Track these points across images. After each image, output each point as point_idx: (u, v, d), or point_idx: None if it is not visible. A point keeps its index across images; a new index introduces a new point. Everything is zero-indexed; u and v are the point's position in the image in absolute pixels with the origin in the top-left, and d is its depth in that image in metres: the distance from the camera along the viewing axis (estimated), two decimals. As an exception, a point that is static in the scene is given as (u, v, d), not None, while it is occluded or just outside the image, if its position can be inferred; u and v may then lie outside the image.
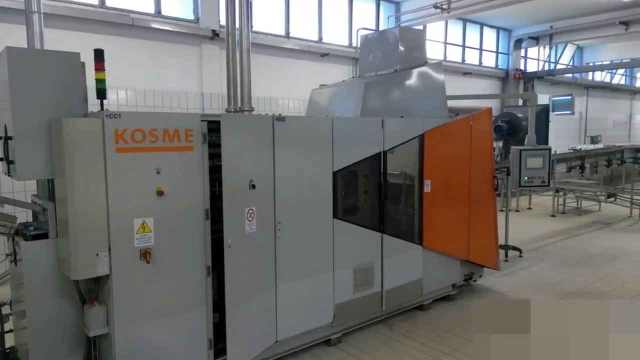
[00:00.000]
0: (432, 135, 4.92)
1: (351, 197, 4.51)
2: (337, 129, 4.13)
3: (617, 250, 7.66)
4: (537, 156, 5.97)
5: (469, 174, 5.33)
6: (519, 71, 14.30)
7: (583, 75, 17.82)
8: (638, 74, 22.14)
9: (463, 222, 5.33)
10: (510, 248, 7.39)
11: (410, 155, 4.94)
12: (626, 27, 11.96)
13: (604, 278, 6.24)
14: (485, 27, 13.88)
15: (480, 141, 5.41)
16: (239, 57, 3.66)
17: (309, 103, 5.46)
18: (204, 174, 3.27)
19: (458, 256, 5.37)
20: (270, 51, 8.80)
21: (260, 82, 8.15)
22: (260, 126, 3.62)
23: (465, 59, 13.47)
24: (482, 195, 5.49)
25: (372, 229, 4.54)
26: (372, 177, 4.57)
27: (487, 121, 5.52)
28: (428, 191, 4.94)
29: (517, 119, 7.26)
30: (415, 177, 4.96)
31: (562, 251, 7.71)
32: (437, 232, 5.09)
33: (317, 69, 9.45)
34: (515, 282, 6.14)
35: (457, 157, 5.25)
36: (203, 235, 3.29)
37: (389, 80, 5.05)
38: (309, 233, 3.99)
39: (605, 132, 18.94)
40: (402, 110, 4.96)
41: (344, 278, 4.30)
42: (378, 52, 5.44)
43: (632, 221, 10.13)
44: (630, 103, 21.23)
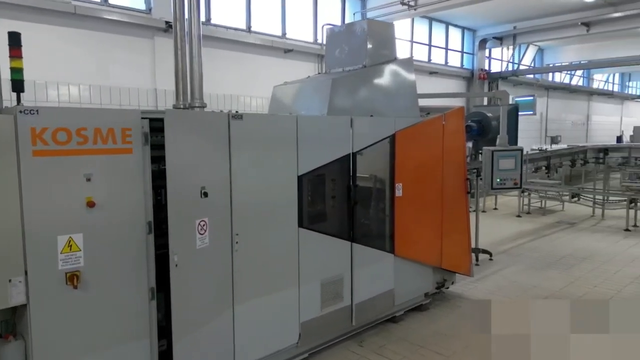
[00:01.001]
0: (404, 135, 4.60)
1: (318, 203, 4.11)
2: (303, 129, 3.72)
3: (585, 251, 7.62)
4: (509, 157, 5.77)
5: (442, 176, 5.05)
6: (483, 71, 14.35)
7: (543, 76, 18.16)
8: (595, 76, 22.89)
9: (436, 227, 5.04)
10: (481, 251, 7.21)
11: (381, 157, 4.60)
12: (587, 28, 12.15)
13: (575, 282, 6.11)
14: (451, 27, 13.83)
15: (452, 141, 5.14)
16: (189, 47, 3.19)
17: (271, 100, 5.03)
18: (146, 180, 2.79)
19: (431, 263, 5.08)
20: (230, 46, 8.29)
21: (220, 78, 7.65)
22: (214, 125, 3.16)
23: (432, 58, 13.37)
24: (454, 198, 5.22)
25: (341, 238, 4.16)
26: (341, 181, 4.19)
27: (459, 120, 5.25)
28: (399, 195, 4.61)
29: (487, 119, 7.07)
30: (386, 180, 4.62)
31: (531, 253, 7.60)
32: (410, 239, 4.77)
33: (281, 66, 9.01)
34: (488, 288, 5.92)
35: (429, 158, 4.95)
36: (145, 252, 2.82)
37: (357, 76, 4.69)
38: (272, 245, 3.56)
39: (564, 133, 19.40)
40: (371, 108, 4.61)
41: (311, 293, 3.89)
42: (345, 47, 5.07)
43: (595, 220, 10.23)
44: (588, 104, 21.88)
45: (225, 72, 8.04)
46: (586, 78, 21.94)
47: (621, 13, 11.38)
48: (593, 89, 22.03)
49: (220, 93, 8.03)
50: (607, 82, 24.15)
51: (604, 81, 23.94)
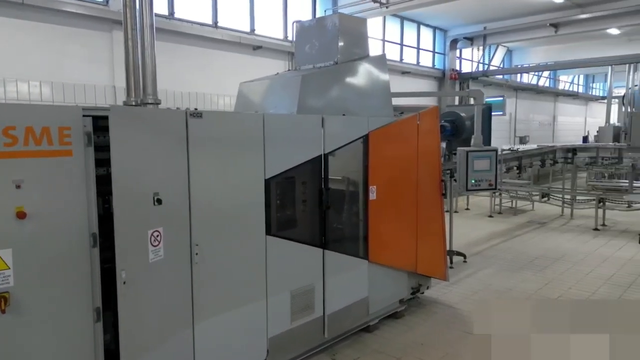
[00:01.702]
0: (377, 135, 4.38)
1: (287, 208, 3.84)
2: (270, 128, 3.44)
3: (557, 251, 7.61)
4: (484, 158, 5.64)
5: (417, 178, 4.86)
6: (455, 71, 14.39)
7: (512, 77, 18.42)
8: (561, 77, 23.45)
9: (411, 231, 4.84)
10: (455, 253, 7.09)
11: (354, 159, 4.37)
12: (556, 29, 12.31)
13: (550, 283, 6.05)
14: (422, 26, 13.79)
15: (427, 142, 4.95)
16: (140, 38, 2.87)
17: (237, 98, 4.72)
18: (89, 186, 2.46)
19: (406, 269, 4.88)
20: (196, 42, 7.91)
21: (186, 76, 7.27)
22: (170, 124, 2.85)
23: (404, 58, 13.28)
24: (429, 200, 5.04)
25: (312, 245, 3.90)
26: (312, 184, 3.93)
27: (434, 120, 5.07)
28: (374, 198, 4.38)
29: (460, 119, 6.96)
30: (360, 182, 4.39)
31: (504, 254, 7.54)
32: (384, 244, 4.56)
33: (250, 63, 8.69)
34: (463, 291, 5.78)
35: (403, 159, 4.75)
36: (89, 268, 2.48)
37: (328, 73, 4.44)
38: (236, 255, 3.27)
39: (532, 133, 19.74)
40: (343, 107, 4.37)
41: (280, 305, 3.62)
42: (316, 42, 4.81)
43: (564, 220, 10.32)
44: (554, 105, 22.38)
45: (191, 70, 7.67)
46: (552, 79, 22.44)
47: (588, 15, 11.58)
48: (559, 90, 22.55)
49: (186, 91, 7.65)
50: (572, 83, 24.80)
51: (569, 82, 24.57)
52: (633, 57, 13.58)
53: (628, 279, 6.19)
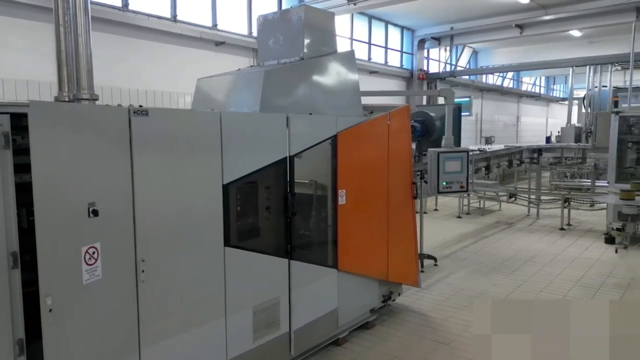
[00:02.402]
0: (347, 136, 4.10)
1: (249, 216, 3.51)
2: (229, 128, 3.10)
3: (526, 252, 7.57)
4: (456, 159, 5.47)
5: (387, 181, 4.62)
6: (422, 72, 14.35)
7: (478, 78, 18.62)
8: (524, 79, 23.97)
9: (382, 237, 4.60)
10: (426, 257, 6.92)
11: (322, 161, 4.08)
12: (521, 30, 12.42)
13: (521, 286, 5.94)
14: (390, 26, 13.68)
15: (398, 142, 4.73)
16: (73, 24, 2.47)
17: (194, 95, 4.35)
18: (7, 196, 2.06)
19: (377, 277, 4.64)
20: (153, 36, 7.44)
21: (142, 72, 6.80)
22: (109, 122, 2.47)
23: (372, 57, 13.12)
24: (401, 203, 4.81)
25: (276, 255, 3.59)
26: (276, 189, 3.61)
27: (405, 120, 4.85)
28: (343, 203, 4.11)
29: (430, 119, 6.79)
30: (328, 186, 4.11)
31: (474, 256, 7.43)
32: (355, 251, 4.29)
33: (213, 60, 8.27)
34: (435, 297, 5.59)
35: (374, 161, 4.50)
36: (8, 293, 2.08)
37: (294, 69, 4.14)
38: (190, 270, 2.91)
39: (497, 133, 20.03)
40: (310, 106, 4.07)
41: (241, 323, 3.28)
42: (280, 36, 4.49)
43: (530, 220, 10.38)
44: (518, 106, 22.83)
45: (148, 66, 7.19)
46: (516, 81, 22.90)
47: (552, 16, 11.73)
48: (522, 92, 23.03)
49: (142, 89, 7.16)
50: (534, 85, 25.41)
51: (531, 84, 25.17)
52: (594, 59, 13.91)
53: (598, 280, 6.17)
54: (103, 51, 6.77)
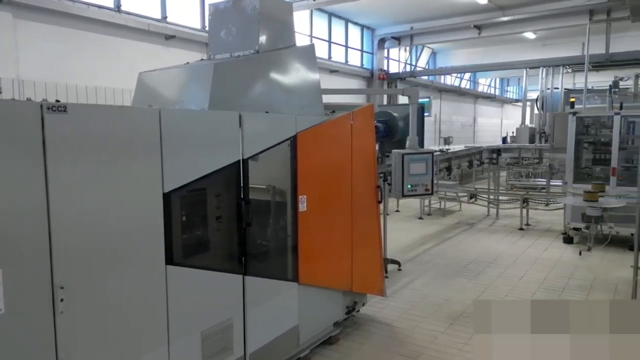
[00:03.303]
0: (307, 136, 3.75)
1: (196, 228, 3.09)
2: (170, 127, 2.68)
3: (489, 254, 7.49)
4: (420, 161, 5.23)
5: (351, 184, 4.31)
6: (383, 71, 14.23)
7: (437, 78, 18.77)
8: (480, 80, 24.47)
9: (346, 245, 4.28)
10: (390, 261, 6.69)
11: (280, 164, 3.72)
12: (479, 31, 12.51)
13: (486, 291, 5.80)
14: (351, 24, 13.46)
15: (362, 143, 4.44)
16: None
17: (135, 91, 3.88)
18: None
19: (341, 288, 4.32)
20: (94, 27, 6.82)
21: (81, 66, 6.17)
22: (15, 121, 2.01)
23: (332, 56, 12.85)
24: (365, 209, 4.52)
25: (229, 271, 3.19)
26: (228, 197, 3.21)
27: (369, 119, 4.57)
28: (304, 210, 3.76)
29: (394, 119, 6.54)
30: (287, 192, 3.74)
31: (438, 259, 7.28)
32: (317, 262, 3.95)
33: (162, 54, 7.71)
34: (401, 305, 5.34)
35: (337, 164, 4.18)
36: None
37: (248, 63, 3.76)
38: (124, 295, 2.47)
39: (455, 134, 20.28)
40: (267, 104, 3.70)
41: (187, 351, 2.87)
42: (233, 27, 4.09)
43: (490, 220, 10.42)
44: (474, 107, 23.27)
45: (88, 60, 6.57)
46: (473, 82, 23.33)
47: (509, 17, 11.88)
48: (478, 93, 23.51)
49: (82, 84, 6.53)
50: (489, 86, 26.02)
51: (487, 85, 25.76)
52: (548, 61, 14.26)
53: (560, 282, 6.12)
54: (35, 42, 6.11)
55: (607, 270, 6.60)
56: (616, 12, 10.23)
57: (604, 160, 8.26)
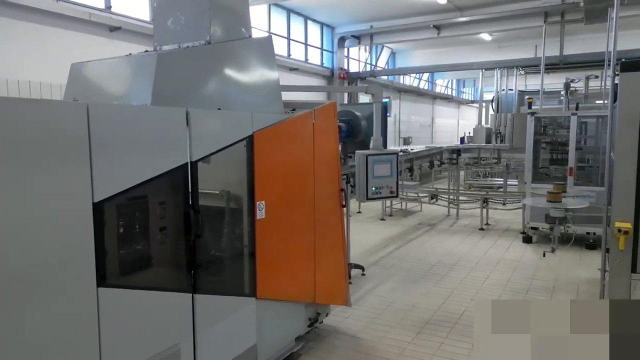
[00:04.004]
0: (265, 136, 3.41)
1: (136, 241, 2.68)
2: (102, 125, 2.27)
3: (452, 256, 7.39)
4: (385, 162, 5.01)
5: (314, 188, 4.00)
6: (343, 70, 14.03)
7: (396, 79, 18.81)
8: (437, 81, 24.81)
9: (308, 254, 3.97)
10: (353, 266, 6.44)
11: (235, 167, 3.36)
12: (438, 31, 12.53)
13: (452, 296, 5.65)
14: (310, 22, 13.17)
15: (325, 144, 4.14)
16: None
17: (67, 84, 3.41)
18: None
19: (303, 300, 4.00)
20: (28, 15, 6.16)
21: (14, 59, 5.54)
22: None
23: (291, 53, 12.51)
24: (329, 214, 4.23)
25: (176, 290, 2.80)
26: (174, 205, 2.82)
27: (332, 118, 4.28)
28: (262, 217, 3.41)
29: (357, 119, 6.30)
30: (244, 197, 3.38)
31: (402, 262, 7.11)
32: (276, 274, 3.62)
33: (106, 47, 7.11)
34: (366, 314, 5.09)
35: (298, 166, 3.86)
36: None
37: (198, 55, 3.37)
38: (45, 327, 2.05)
39: (413, 134, 20.45)
40: (219, 100, 3.33)
41: (126, 386, 2.46)
42: (181, 16, 3.68)
43: (451, 220, 10.41)
44: (432, 107, 23.57)
45: (23, 51, 5.91)
46: (431, 83, 23.62)
47: (467, 18, 11.96)
48: (436, 93, 23.83)
49: (14, 78, 5.88)
50: (447, 87, 26.47)
51: (444, 86, 26.19)
52: (504, 62, 14.53)
53: (524, 284, 6.07)
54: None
55: (567, 270, 6.63)
56: (570, 15, 10.49)
57: (560, 160, 8.38)
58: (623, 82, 3.98)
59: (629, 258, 3.96)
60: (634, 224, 3.95)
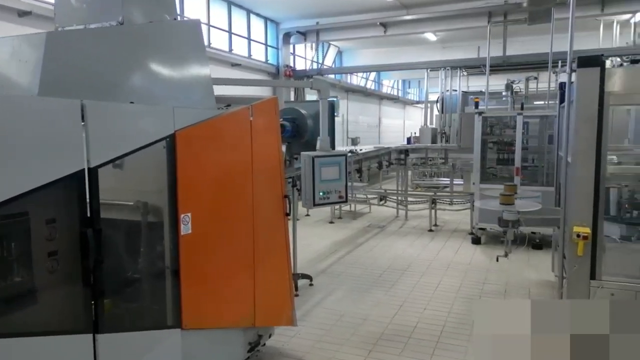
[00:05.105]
0: (191, 136, 2.87)
1: (13, 272, 2.06)
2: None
3: (402, 261, 7.11)
4: (333, 164, 4.58)
5: (252, 196, 3.49)
6: (289, 68, 13.55)
7: (343, 78, 18.57)
8: (384, 81, 24.89)
9: (246, 272, 3.45)
10: (300, 276, 5.98)
11: (153, 173, 2.79)
12: (385, 29, 12.35)
13: (404, 305, 5.32)
14: (253, 16, 12.55)
15: (265, 145, 3.64)
16: None
17: None
18: None
19: (241, 325, 3.48)
20: None
21: None
22: None
23: (233, 48, 11.84)
24: (270, 224, 3.74)
25: (71, 332, 2.20)
26: (67, 223, 2.23)
27: (272, 115, 3.79)
28: (188, 232, 2.86)
29: (302, 117, 5.85)
30: (164, 209, 2.82)
31: (352, 269, 6.74)
32: (207, 298, 3.07)
33: (15, 32, 6.17)
34: (314, 331, 4.64)
35: (232, 170, 3.34)
36: None
37: (104, 37, 2.78)
38: None
39: (361, 134, 20.30)
40: (132, 92, 2.76)
41: None
42: (89, -9, 3.07)
43: (400, 222, 10.21)
44: (379, 107, 23.60)
45: None
46: (377, 83, 23.64)
47: (413, 16, 11.87)
48: (383, 94, 23.89)
49: None
50: (393, 87, 26.66)
51: (390, 87, 26.35)
52: (449, 62, 14.65)
53: (476, 288, 5.87)
54: None
55: (517, 272, 6.53)
56: (512, 15, 10.63)
57: (507, 160, 8.37)
58: (580, 78, 3.79)
59: (587, 264, 3.77)
60: (592, 228, 3.76)
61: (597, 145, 3.73)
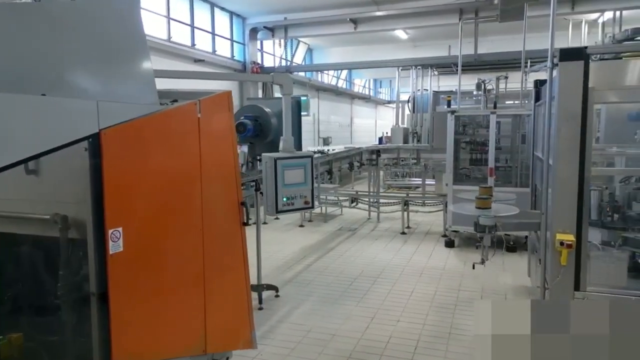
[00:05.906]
0: (120, 135, 2.40)
1: None
2: None
3: (374, 267, 6.78)
4: (297, 167, 4.15)
5: (201, 204, 3.03)
6: (256, 65, 13.04)
7: (314, 76, 18.18)
8: (355, 81, 24.64)
9: (194, 293, 3.00)
10: (265, 287, 5.55)
11: (73, 180, 2.31)
12: (355, 25, 12.02)
13: (376, 317, 4.97)
14: (217, 10, 12.00)
15: (216, 145, 3.19)
16: None
17: None
18: None
19: (189, 354, 3.02)
20: None
21: None
22: None
23: (196, 43, 11.26)
24: (224, 236, 3.29)
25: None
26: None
27: (225, 112, 3.33)
28: (118, 250, 2.38)
29: (265, 115, 5.42)
30: (87, 224, 2.34)
31: (321, 277, 6.36)
32: (144, 327, 2.61)
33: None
34: (278, 350, 4.23)
35: (176, 175, 2.87)
36: None
37: (16, 14, 2.29)
38: None
39: (333, 134, 19.98)
40: (47, 82, 2.27)
41: None
42: (1, -38, 2.55)
43: (372, 224, 9.93)
44: (351, 107, 23.32)
45: None
46: (349, 82, 23.36)
47: (383, 12, 11.60)
48: (355, 93, 23.62)
49: None
50: (364, 87, 26.44)
51: (362, 86, 26.13)
52: (420, 60, 14.46)
53: (451, 296, 5.59)
54: None
55: (492, 277, 6.29)
56: (483, 12, 10.48)
57: (480, 160, 8.16)
58: (562, 73, 3.50)
59: (572, 274, 3.49)
60: (577, 235, 3.48)
61: (581, 145, 3.46)
